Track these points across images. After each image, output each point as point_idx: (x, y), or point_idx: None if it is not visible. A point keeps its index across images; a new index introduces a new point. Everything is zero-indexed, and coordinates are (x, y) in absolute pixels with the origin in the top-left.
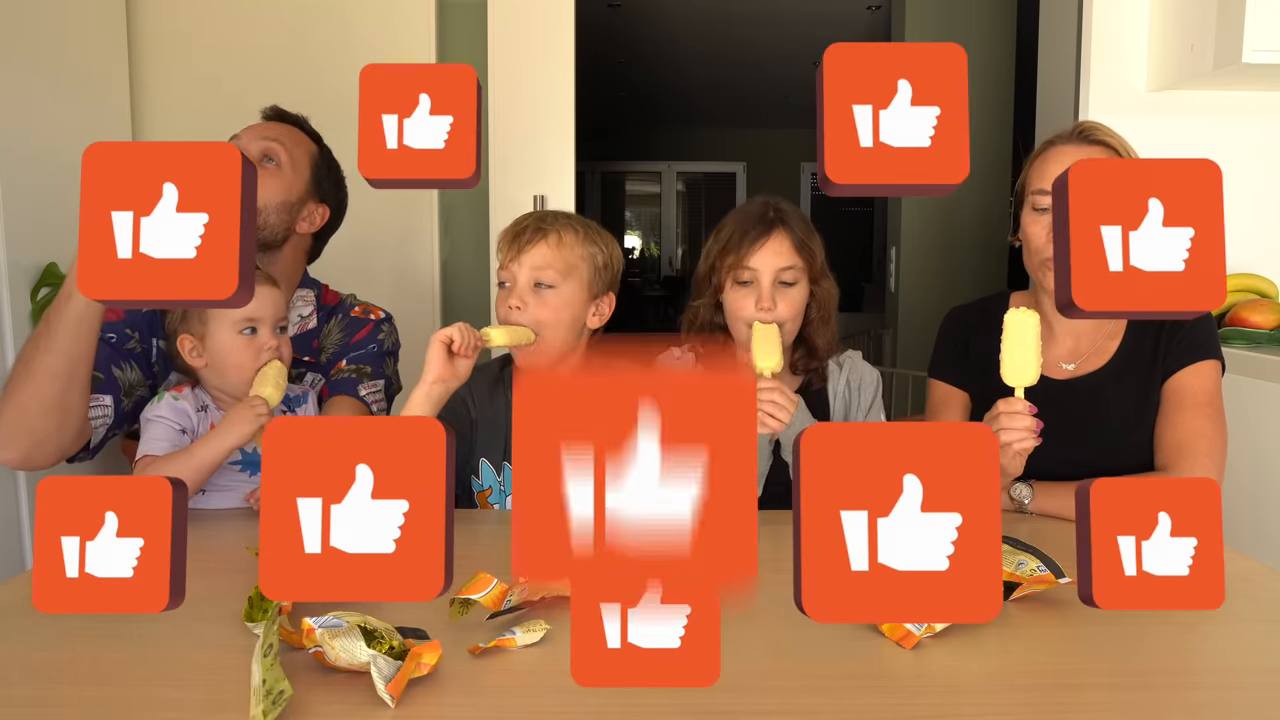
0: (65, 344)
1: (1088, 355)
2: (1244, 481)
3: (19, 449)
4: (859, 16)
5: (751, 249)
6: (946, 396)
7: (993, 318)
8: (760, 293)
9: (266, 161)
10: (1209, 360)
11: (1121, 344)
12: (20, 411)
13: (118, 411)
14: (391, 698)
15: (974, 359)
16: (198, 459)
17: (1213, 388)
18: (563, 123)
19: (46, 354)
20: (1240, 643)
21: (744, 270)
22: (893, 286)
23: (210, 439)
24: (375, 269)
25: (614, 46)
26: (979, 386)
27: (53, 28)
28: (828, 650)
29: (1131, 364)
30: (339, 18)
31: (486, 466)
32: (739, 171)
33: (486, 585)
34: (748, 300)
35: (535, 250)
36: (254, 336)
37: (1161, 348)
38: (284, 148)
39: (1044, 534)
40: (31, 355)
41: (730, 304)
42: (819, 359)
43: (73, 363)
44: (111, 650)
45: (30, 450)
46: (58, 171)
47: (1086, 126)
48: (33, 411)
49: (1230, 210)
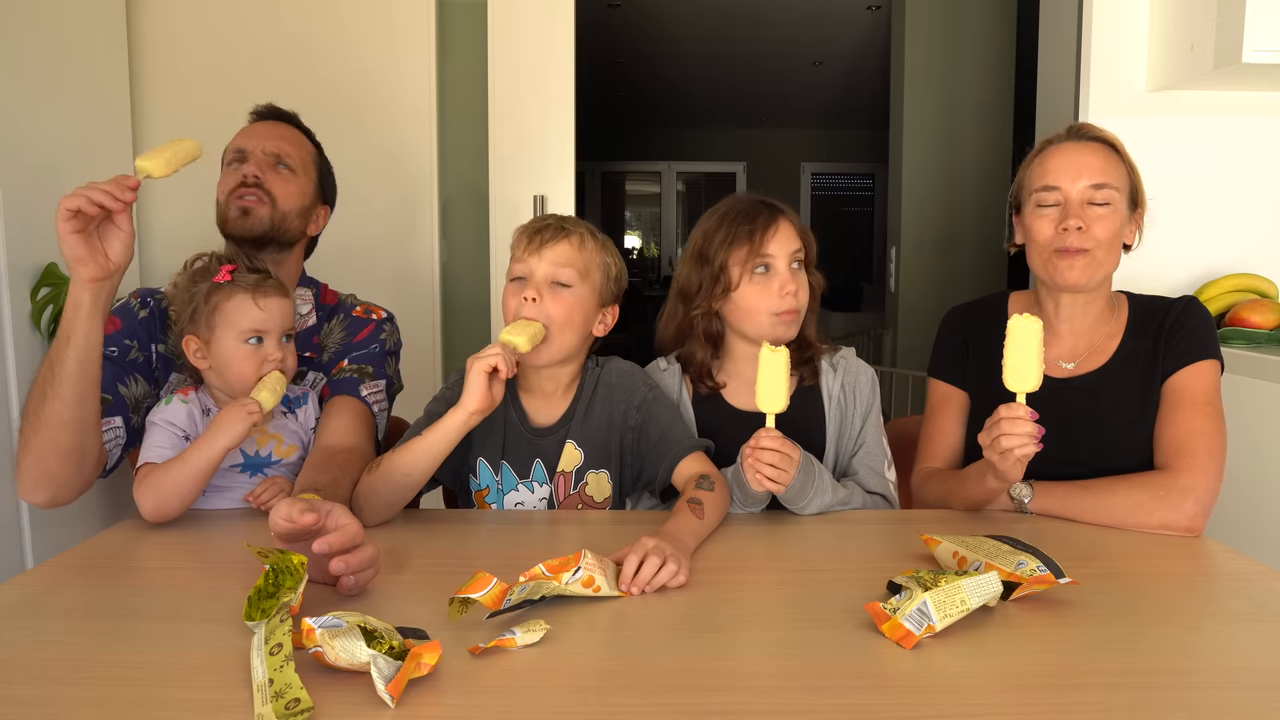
0: (71, 391)
1: (1087, 354)
2: (1243, 481)
3: (44, 493)
4: (859, 16)
5: (766, 235)
6: (946, 396)
7: (993, 317)
8: (781, 278)
9: (281, 167)
10: (1208, 360)
11: (1121, 343)
12: (40, 459)
13: (129, 430)
14: (391, 698)
15: (974, 358)
16: (192, 465)
17: (1212, 387)
18: (563, 123)
19: (55, 402)
20: (1240, 643)
21: (761, 258)
22: (893, 286)
23: (201, 443)
24: (375, 270)
25: (614, 46)
26: (978, 386)
27: (53, 29)
28: (828, 650)
29: (1131, 363)
30: (339, 18)
31: (484, 466)
32: (739, 171)
33: (486, 584)
34: (768, 289)
35: (558, 247)
36: (259, 346)
37: (1161, 348)
38: (294, 150)
39: (1044, 534)
40: (40, 404)
41: (749, 300)
42: (811, 349)
43: (82, 408)
44: (111, 650)
45: (55, 493)
46: (58, 172)
47: (1080, 126)
48: (51, 459)
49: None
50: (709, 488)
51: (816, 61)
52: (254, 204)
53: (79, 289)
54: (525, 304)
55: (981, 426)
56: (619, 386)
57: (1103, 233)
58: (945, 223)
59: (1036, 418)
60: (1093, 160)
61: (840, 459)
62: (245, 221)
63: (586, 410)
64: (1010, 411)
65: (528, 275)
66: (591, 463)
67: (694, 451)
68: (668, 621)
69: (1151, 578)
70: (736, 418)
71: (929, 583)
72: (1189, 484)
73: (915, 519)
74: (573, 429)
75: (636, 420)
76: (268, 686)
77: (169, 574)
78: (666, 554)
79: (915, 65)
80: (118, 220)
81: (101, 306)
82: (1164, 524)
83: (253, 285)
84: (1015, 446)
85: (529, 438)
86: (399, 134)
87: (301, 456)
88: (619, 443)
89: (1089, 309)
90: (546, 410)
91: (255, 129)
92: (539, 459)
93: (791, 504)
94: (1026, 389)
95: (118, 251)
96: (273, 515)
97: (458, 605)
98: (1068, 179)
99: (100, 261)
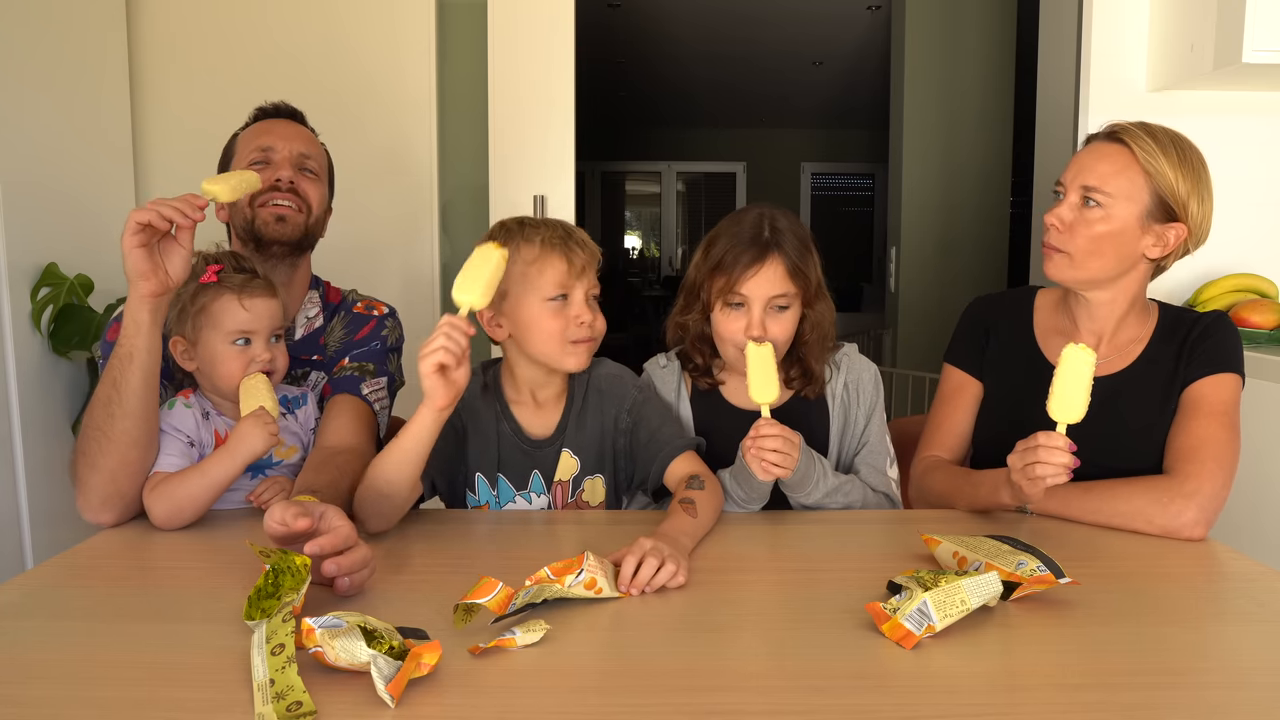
0: (139, 407)
1: (1110, 356)
2: (1244, 482)
3: (114, 512)
4: (859, 16)
5: (744, 275)
6: (960, 385)
7: (1018, 311)
8: (751, 320)
9: (307, 171)
10: (1230, 374)
11: (1146, 348)
12: (110, 478)
13: None
14: (391, 698)
15: (993, 350)
16: (210, 479)
17: (1230, 399)
18: (563, 123)
19: (125, 420)
20: (1242, 643)
21: (734, 295)
22: (893, 286)
23: (222, 456)
24: (376, 269)
25: (614, 46)
26: (995, 378)
27: (53, 29)
28: (828, 650)
29: (1154, 369)
30: (339, 18)
31: (482, 481)
32: (739, 171)
33: (491, 589)
34: (738, 324)
35: (592, 271)
36: (247, 347)
37: (1184, 356)
38: (315, 152)
39: (1044, 534)
40: (108, 423)
41: (719, 325)
42: (814, 381)
43: (149, 423)
44: (111, 650)
45: (124, 510)
46: (58, 172)
47: (1116, 126)
48: (123, 478)
49: (1230, 210)
50: (699, 486)
51: (816, 61)
52: (290, 211)
53: (138, 306)
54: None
55: (992, 418)
56: (609, 391)
57: (1081, 235)
58: (945, 223)
59: (1074, 449)
60: (1099, 163)
61: (844, 457)
62: (282, 228)
63: (579, 418)
64: (1049, 440)
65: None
66: (587, 469)
67: (684, 451)
68: (668, 621)
69: (1153, 578)
70: (735, 415)
71: (929, 583)
72: (1193, 489)
73: (915, 519)
74: (568, 438)
75: (628, 423)
76: (269, 687)
77: (169, 574)
78: (665, 555)
79: (915, 65)
80: (180, 237)
81: (160, 322)
82: (1165, 530)
83: (239, 286)
84: (1049, 475)
85: (525, 449)
86: (399, 134)
87: (302, 457)
88: (612, 447)
89: (1114, 307)
90: (540, 421)
91: (275, 128)
92: (536, 470)
93: (795, 490)
94: (1070, 420)
95: (177, 268)
96: (267, 518)
97: (461, 612)
98: (1070, 175)
99: (160, 277)
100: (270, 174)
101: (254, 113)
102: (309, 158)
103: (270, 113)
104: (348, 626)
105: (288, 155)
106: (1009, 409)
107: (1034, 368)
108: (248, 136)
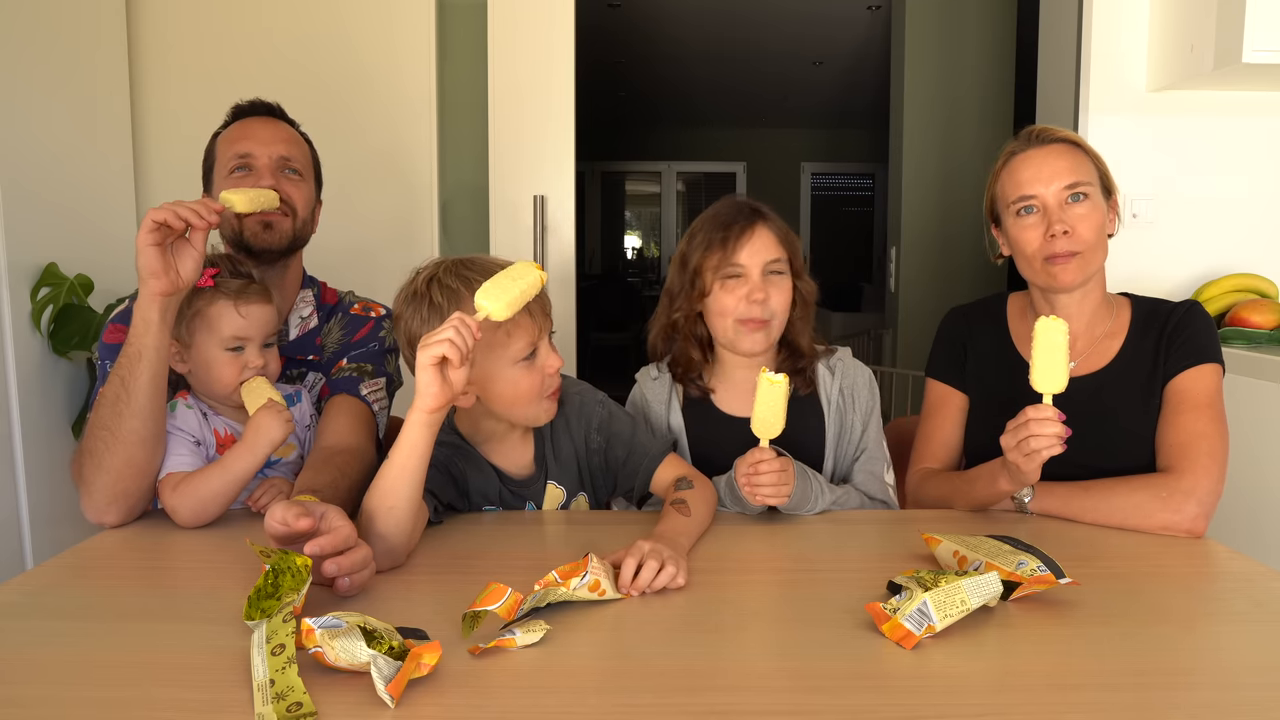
0: (147, 406)
1: (1087, 354)
2: (1243, 481)
3: (119, 511)
4: (859, 16)
5: (739, 243)
6: (944, 397)
7: (991, 319)
8: (751, 284)
9: (290, 172)
10: (1210, 364)
11: (1123, 345)
12: (117, 477)
13: None
14: (391, 698)
15: (973, 360)
16: (233, 473)
17: (1213, 390)
18: (563, 123)
19: (133, 419)
20: (1240, 643)
21: (732, 266)
22: (893, 286)
23: (242, 450)
24: (375, 270)
25: (614, 46)
26: (978, 387)
27: (53, 28)
28: (828, 650)
29: (1133, 365)
30: (339, 18)
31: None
32: (739, 171)
33: (500, 596)
34: (739, 292)
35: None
36: (240, 354)
37: (1163, 351)
38: (298, 151)
39: (1044, 534)
40: (115, 422)
41: (719, 302)
42: (804, 358)
43: (157, 423)
44: (111, 650)
45: (128, 511)
46: (58, 172)
47: (1038, 130)
48: (128, 477)
49: (1230, 210)
50: (688, 486)
51: (816, 61)
52: (277, 218)
53: (148, 304)
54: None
55: (981, 428)
56: (574, 414)
57: (1087, 231)
58: (945, 222)
59: (1064, 418)
60: (1060, 162)
61: (840, 463)
62: (270, 236)
63: (555, 447)
64: (1038, 413)
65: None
66: (571, 492)
67: (665, 457)
68: (668, 622)
69: (1152, 578)
70: (726, 423)
71: (929, 583)
72: (1191, 485)
73: (915, 519)
74: (550, 472)
75: (599, 443)
76: (269, 687)
77: (169, 574)
78: (665, 556)
79: (915, 65)
80: (194, 239)
81: (169, 322)
82: (1165, 526)
83: (235, 292)
84: (1043, 448)
85: (512, 489)
86: (399, 134)
87: (299, 455)
88: (587, 466)
89: (1084, 305)
90: (515, 459)
91: (253, 130)
92: (529, 501)
93: (792, 512)
94: (1054, 390)
95: (188, 269)
96: (268, 518)
97: (469, 621)
98: (1042, 185)
99: (172, 277)
100: (252, 183)
101: (231, 111)
102: (290, 159)
103: (247, 110)
104: (348, 627)
105: (268, 162)
106: (995, 414)
107: (1015, 373)
108: (226, 142)
